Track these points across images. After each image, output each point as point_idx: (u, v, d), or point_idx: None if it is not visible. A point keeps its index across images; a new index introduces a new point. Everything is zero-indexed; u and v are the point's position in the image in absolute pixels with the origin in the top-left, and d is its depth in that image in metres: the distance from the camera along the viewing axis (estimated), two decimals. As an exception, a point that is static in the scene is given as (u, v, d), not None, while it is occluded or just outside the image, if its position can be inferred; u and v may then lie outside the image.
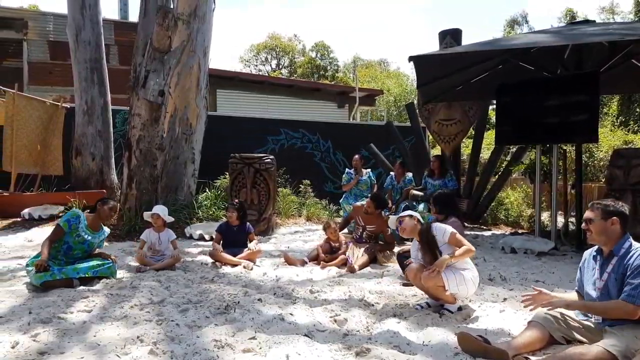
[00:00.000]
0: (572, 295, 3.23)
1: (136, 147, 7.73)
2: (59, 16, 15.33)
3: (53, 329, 3.17)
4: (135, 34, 8.98)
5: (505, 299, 4.04)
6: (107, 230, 4.98)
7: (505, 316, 3.58)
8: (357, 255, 5.55)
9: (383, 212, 6.13)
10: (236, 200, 6.19)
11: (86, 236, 4.62)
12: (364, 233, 5.87)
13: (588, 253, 3.13)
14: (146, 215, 5.51)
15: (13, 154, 8.95)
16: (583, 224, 3.03)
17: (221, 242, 5.77)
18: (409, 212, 3.91)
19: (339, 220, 7.46)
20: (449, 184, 7.76)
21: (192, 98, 8.44)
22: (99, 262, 4.62)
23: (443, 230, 3.69)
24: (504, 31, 36.79)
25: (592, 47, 6.81)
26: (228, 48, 66.42)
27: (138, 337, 3.04)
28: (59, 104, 9.98)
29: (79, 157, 10.01)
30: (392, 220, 4.02)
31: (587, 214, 2.99)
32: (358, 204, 6.49)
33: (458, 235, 3.66)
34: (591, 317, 2.96)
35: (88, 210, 4.84)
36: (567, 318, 2.97)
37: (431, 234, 3.70)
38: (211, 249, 5.66)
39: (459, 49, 8.04)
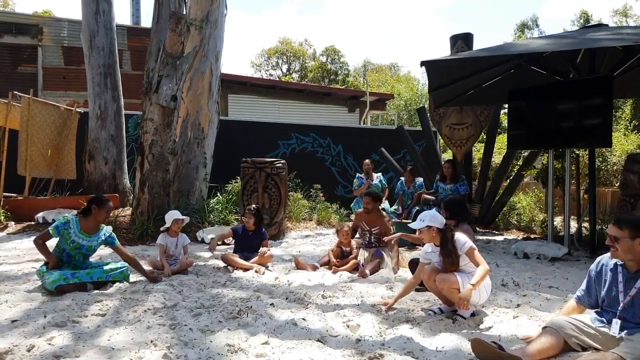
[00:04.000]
0: (571, 305, 3.18)
1: (149, 152, 7.79)
2: (73, 22, 15.49)
3: (68, 332, 3.19)
4: (148, 39, 9.07)
5: (518, 305, 4.01)
6: (106, 229, 4.67)
7: (519, 322, 3.55)
8: (368, 259, 5.55)
9: (385, 212, 6.12)
10: (254, 206, 6.12)
11: (81, 241, 4.46)
12: (371, 237, 5.87)
13: (604, 262, 3.01)
14: (168, 221, 5.39)
15: (28, 158, 9.06)
16: (607, 240, 2.82)
17: (233, 244, 5.79)
18: (428, 220, 3.82)
19: (350, 224, 7.46)
20: (460, 189, 7.74)
21: (204, 103, 8.50)
22: (112, 267, 4.65)
23: (462, 242, 3.71)
24: (514, 35, 36.64)
25: (605, 51, 6.76)
26: (240, 53, 66.76)
27: (152, 341, 3.06)
28: (73, 108, 10.10)
29: (92, 162, 10.12)
30: (413, 225, 4.00)
31: (613, 231, 2.78)
32: (358, 210, 6.63)
33: (476, 252, 3.68)
34: (607, 324, 2.91)
35: (80, 213, 4.60)
36: (582, 325, 2.93)
37: (453, 244, 3.72)
38: (223, 252, 5.69)
39: (471, 53, 8.00)
